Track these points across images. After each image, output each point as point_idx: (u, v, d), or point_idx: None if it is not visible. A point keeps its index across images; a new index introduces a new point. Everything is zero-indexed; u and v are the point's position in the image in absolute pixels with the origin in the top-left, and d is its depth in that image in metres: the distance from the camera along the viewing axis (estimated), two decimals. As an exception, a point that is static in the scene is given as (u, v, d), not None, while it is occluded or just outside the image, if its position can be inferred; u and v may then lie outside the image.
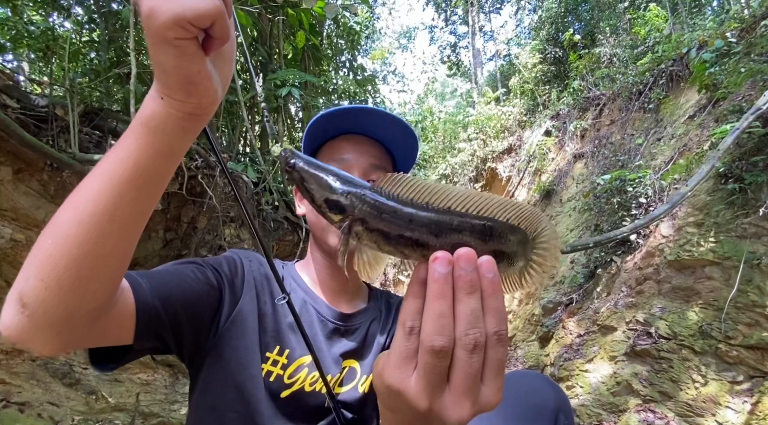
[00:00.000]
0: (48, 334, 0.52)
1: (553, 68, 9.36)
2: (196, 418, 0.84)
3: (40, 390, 2.29)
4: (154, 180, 0.52)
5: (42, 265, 0.50)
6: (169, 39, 0.41)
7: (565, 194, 6.99)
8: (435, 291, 0.38)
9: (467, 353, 0.38)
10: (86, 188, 0.51)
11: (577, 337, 4.46)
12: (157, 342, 0.73)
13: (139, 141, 0.49)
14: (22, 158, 2.49)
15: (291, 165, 0.44)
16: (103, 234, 0.50)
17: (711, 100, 4.69)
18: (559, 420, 0.89)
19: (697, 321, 3.40)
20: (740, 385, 3.04)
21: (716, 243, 3.51)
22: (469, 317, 0.38)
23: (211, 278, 0.82)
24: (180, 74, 0.45)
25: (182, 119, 0.49)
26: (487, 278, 0.39)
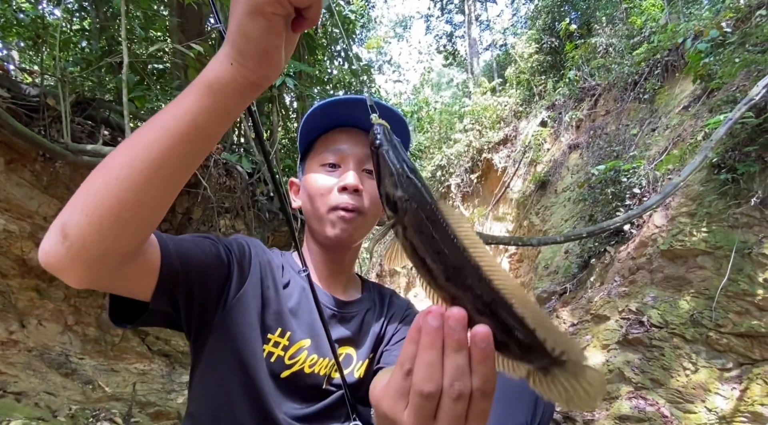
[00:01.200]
0: (81, 267, 0.56)
1: (549, 58, 9.33)
2: (203, 392, 0.87)
3: (37, 380, 2.30)
4: (206, 138, 0.55)
5: (89, 201, 0.53)
6: (266, 12, 0.44)
7: (560, 184, 7.02)
8: (426, 342, 0.42)
9: (452, 401, 0.41)
10: (142, 136, 0.54)
11: (571, 326, 4.51)
12: (170, 306, 0.76)
13: (200, 101, 0.52)
14: (14, 149, 2.47)
15: (377, 145, 0.47)
16: (151, 182, 0.53)
17: (705, 91, 4.70)
18: (540, 401, 0.93)
19: (688, 309, 3.45)
20: (729, 372, 3.10)
21: (708, 233, 3.55)
22: (455, 371, 0.41)
23: (223, 255, 0.85)
24: (261, 45, 0.47)
25: (245, 86, 0.51)
26: (479, 348, 0.41)
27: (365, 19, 9.34)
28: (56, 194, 2.66)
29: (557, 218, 6.61)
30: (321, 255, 1.03)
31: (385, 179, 0.45)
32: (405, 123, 1.01)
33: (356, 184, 0.93)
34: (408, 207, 0.43)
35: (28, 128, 2.27)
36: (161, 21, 3.41)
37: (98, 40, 3.18)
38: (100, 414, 2.29)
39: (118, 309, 0.74)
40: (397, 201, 0.44)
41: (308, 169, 1.02)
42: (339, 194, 0.94)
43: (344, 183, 0.93)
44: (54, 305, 2.66)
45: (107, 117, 2.89)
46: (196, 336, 0.87)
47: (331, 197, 0.95)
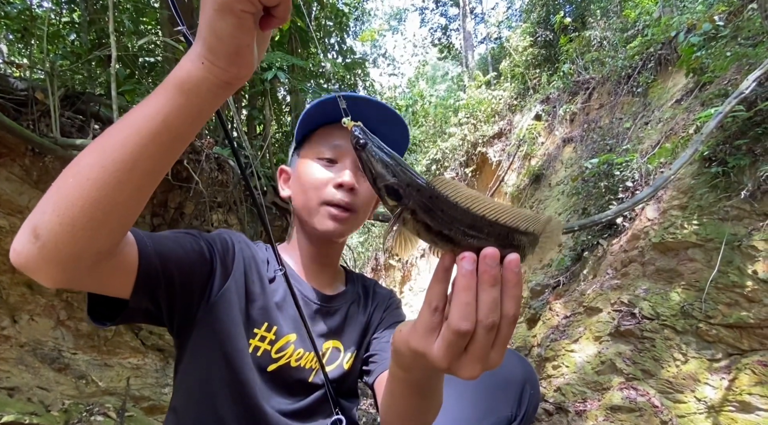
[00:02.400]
0: (54, 267, 0.56)
1: (543, 51, 9.31)
2: (185, 386, 0.88)
3: (29, 375, 2.30)
4: (178, 138, 0.55)
5: (60, 202, 0.53)
6: (236, 10, 0.44)
7: (554, 178, 7.04)
8: (462, 284, 0.45)
9: (485, 331, 0.45)
10: (113, 136, 0.53)
11: (564, 318, 4.55)
12: (151, 304, 0.76)
13: (171, 101, 0.52)
14: (3, 143, 2.44)
15: (362, 145, 0.49)
16: (123, 182, 0.53)
17: (698, 84, 4.72)
18: (526, 389, 0.96)
19: (679, 301, 3.49)
20: (718, 363, 3.14)
21: (699, 226, 3.58)
22: (490, 304, 0.45)
23: (205, 251, 0.85)
24: (232, 44, 0.47)
25: (217, 85, 0.51)
26: (513, 272, 0.46)
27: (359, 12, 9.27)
28: (46, 189, 2.64)
29: (551, 211, 6.64)
30: (308, 248, 1.04)
31: (381, 172, 0.48)
32: (406, 126, 1.03)
33: (352, 182, 0.94)
34: (410, 192, 0.46)
35: (17, 122, 2.25)
36: (151, 14, 3.37)
37: (87, 33, 3.14)
38: (93, 409, 2.29)
39: (97, 308, 0.73)
40: (398, 189, 0.47)
41: (302, 159, 1.02)
42: (334, 189, 0.95)
43: (341, 180, 0.94)
44: (46, 300, 2.65)
45: (97, 111, 2.85)
46: (179, 331, 0.88)
47: (326, 191, 0.95)
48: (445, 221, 0.46)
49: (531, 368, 1.03)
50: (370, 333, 1.08)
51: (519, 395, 0.94)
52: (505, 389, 0.95)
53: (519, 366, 0.99)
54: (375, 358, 1.02)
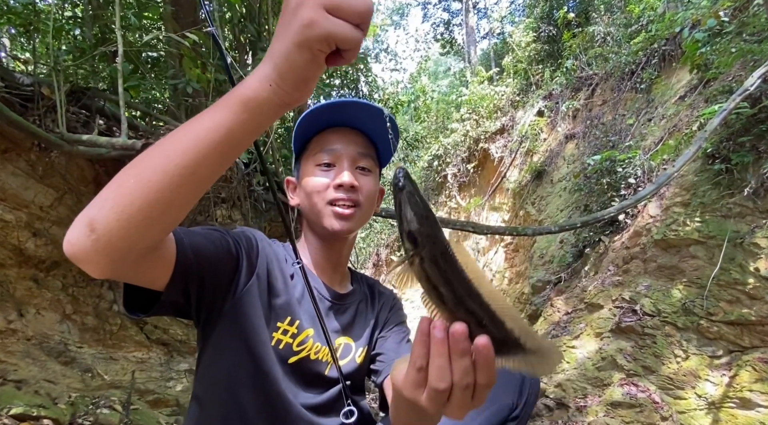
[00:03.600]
0: (105, 259, 0.59)
1: (546, 47, 9.27)
2: (208, 376, 0.92)
3: (36, 368, 2.32)
4: (236, 149, 0.60)
5: (119, 199, 0.57)
6: (314, 48, 0.49)
7: (556, 174, 7.03)
8: (435, 351, 0.51)
9: (461, 390, 0.51)
10: (177, 142, 0.57)
11: (565, 315, 4.57)
12: (182, 297, 0.80)
13: (235, 116, 0.56)
14: (9, 138, 2.45)
15: (400, 188, 0.53)
16: (181, 186, 0.57)
17: (702, 81, 4.70)
18: (525, 384, 0.98)
19: (680, 298, 3.50)
20: (719, 359, 3.16)
21: (702, 223, 3.58)
22: (462, 371, 0.50)
23: (232, 248, 0.89)
24: (302, 74, 0.52)
25: (278, 106, 0.55)
26: (482, 354, 0.50)
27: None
28: (52, 184, 2.65)
29: (553, 208, 6.64)
30: (320, 248, 1.09)
31: (409, 216, 0.52)
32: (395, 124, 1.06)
33: (351, 181, 0.98)
34: (426, 243, 0.51)
35: (23, 117, 2.26)
36: (155, 9, 3.36)
37: (91, 29, 3.14)
38: (99, 402, 2.32)
39: (131, 299, 0.77)
40: (417, 236, 0.51)
41: (304, 169, 1.07)
42: (335, 191, 0.99)
43: (340, 181, 0.98)
44: (52, 294, 2.67)
45: (102, 106, 2.86)
46: (205, 323, 0.91)
47: (328, 193, 1.00)
48: (445, 281, 0.50)
49: None
50: (377, 330, 1.13)
51: (520, 383, 0.98)
52: (506, 377, 0.98)
53: None
54: (382, 358, 1.08)
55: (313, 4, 0.47)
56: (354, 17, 0.47)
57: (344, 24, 0.47)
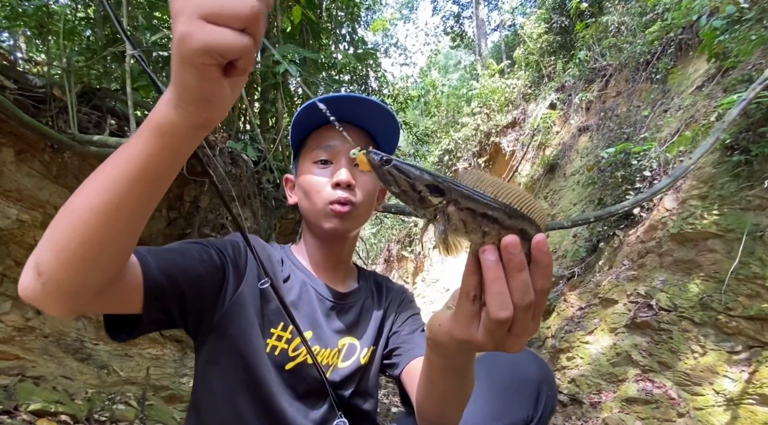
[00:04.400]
0: (59, 300, 0.59)
1: (558, 38, 9.11)
2: (205, 387, 0.91)
3: (54, 365, 2.37)
4: (159, 178, 0.57)
5: (56, 241, 0.56)
6: (196, 63, 0.44)
7: (569, 168, 6.94)
8: (490, 276, 0.48)
9: (523, 311, 0.49)
10: (99, 179, 0.56)
11: (578, 310, 4.51)
12: (164, 315, 0.78)
13: (149, 143, 0.53)
14: (23, 139, 2.49)
15: (387, 161, 0.51)
16: (111, 221, 0.55)
17: (720, 70, 4.58)
18: (542, 390, 0.94)
19: (697, 292, 3.43)
20: (738, 355, 3.09)
21: (720, 216, 3.50)
22: (522, 288, 0.48)
23: (215, 259, 0.88)
24: (198, 93, 0.48)
25: (191, 128, 0.52)
26: (543, 252, 0.48)
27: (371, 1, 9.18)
28: (66, 184, 2.70)
29: (566, 202, 6.56)
30: (319, 248, 1.06)
31: (418, 175, 0.50)
32: (396, 121, 1.04)
33: (348, 179, 0.96)
34: (450, 185, 0.49)
35: (36, 119, 2.29)
36: (164, 9, 3.38)
37: (103, 29, 3.17)
38: (115, 398, 2.36)
39: (113, 324, 0.77)
40: (438, 185, 0.49)
41: (301, 166, 1.05)
42: (333, 189, 0.97)
43: (337, 179, 0.96)
44: (68, 292, 2.71)
45: (113, 107, 2.89)
46: (196, 334, 0.91)
47: (326, 192, 0.98)
48: (487, 204, 0.49)
49: (548, 368, 1.01)
50: (386, 328, 1.10)
51: (536, 396, 0.94)
52: (521, 390, 0.94)
53: (535, 366, 0.98)
54: (399, 351, 1.04)
55: (187, 16, 0.42)
56: (236, 22, 0.42)
57: (225, 32, 0.42)
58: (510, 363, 0.99)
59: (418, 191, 0.50)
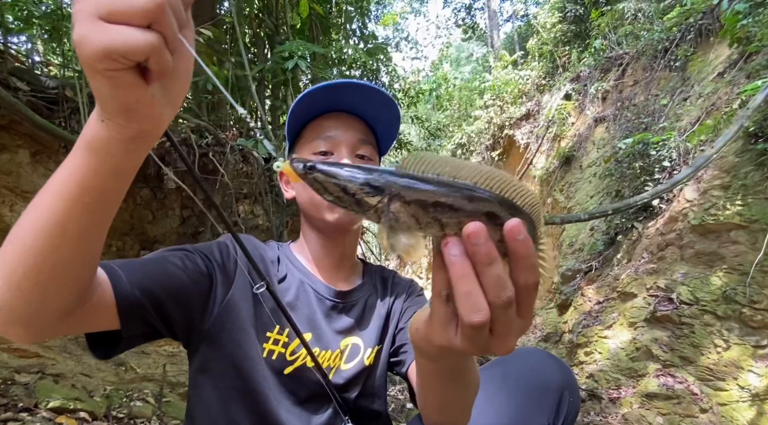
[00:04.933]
0: (18, 327, 0.56)
1: (573, 27, 8.93)
2: (199, 395, 0.88)
3: (73, 362, 2.42)
4: (103, 197, 0.51)
5: (3, 269, 0.53)
6: (100, 69, 0.39)
7: (585, 159, 6.81)
8: (456, 273, 0.40)
9: (502, 310, 0.41)
10: (40, 202, 0.52)
11: (596, 304, 4.43)
12: (147, 328, 0.75)
13: (82, 162, 0.48)
14: (38, 141, 2.54)
15: (311, 167, 0.45)
16: (57, 245, 0.51)
17: (743, 55, 4.42)
18: (564, 396, 0.89)
19: (720, 285, 3.33)
20: (764, 349, 2.99)
21: (743, 206, 3.39)
22: (495, 283, 0.40)
23: (200, 265, 0.84)
24: (116, 102, 0.43)
25: (124, 142, 0.46)
26: (518, 241, 0.39)
27: (381, -5, 9.11)
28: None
29: (582, 195, 6.44)
30: (321, 244, 1.02)
31: (348, 176, 0.44)
32: (396, 107, 1.00)
33: None
34: (388, 179, 0.42)
35: (49, 120, 2.32)
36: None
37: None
38: (133, 395, 2.39)
39: (96, 340, 0.73)
40: (372, 183, 0.43)
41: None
42: None
43: None
44: (86, 291, 2.76)
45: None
46: (187, 343, 0.88)
47: None
48: (438, 190, 0.41)
49: (571, 373, 0.96)
50: (392, 323, 1.06)
51: (557, 402, 0.89)
52: (543, 396, 0.89)
53: (557, 371, 0.93)
54: (405, 348, 1.00)
55: (85, 17, 0.37)
56: (137, 18, 0.37)
57: (126, 30, 0.37)
58: (531, 368, 0.95)
59: (352, 194, 0.43)
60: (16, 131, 2.40)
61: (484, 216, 0.41)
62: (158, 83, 0.43)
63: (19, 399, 1.95)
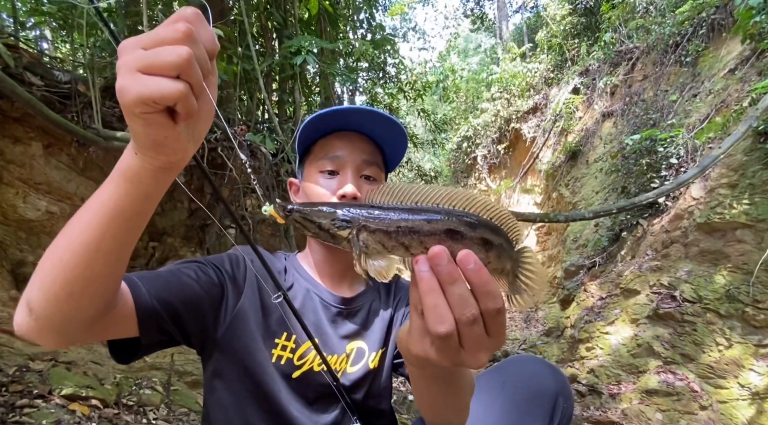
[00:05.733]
0: (51, 334, 0.63)
1: (583, 20, 8.81)
2: (215, 398, 0.94)
3: (84, 351, 2.48)
4: (133, 219, 0.59)
5: (43, 280, 0.60)
6: (136, 113, 0.46)
7: (592, 155, 6.77)
8: (423, 288, 0.46)
9: (468, 327, 0.45)
10: (77, 221, 0.59)
11: (599, 300, 4.45)
12: (164, 336, 0.81)
13: (118, 188, 0.56)
14: (50, 133, 2.57)
15: (289, 210, 0.53)
16: (91, 261, 0.58)
17: (755, 52, 4.36)
18: (558, 403, 0.94)
19: (724, 284, 3.34)
20: (766, 348, 3.01)
21: (750, 205, 3.37)
22: (459, 301, 0.45)
23: (213, 276, 0.90)
24: (148, 139, 0.50)
25: (155, 172, 0.54)
26: (469, 270, 0.45)
27: (389, -15, 9.02)
28: (92, 177, 2.79)
29: (588, 190, 6.42)
30: (324, 255, 1.06)
31: (319, 216, 0.51)
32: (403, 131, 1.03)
33: (354, 192, 0.96)
34: (353, 211, 0.49)
35: (62, 114, 2.36)
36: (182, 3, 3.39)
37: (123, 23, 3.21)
38: (142, 383, 2.46)
39: (118, 346, 0.79)
40: (341, 218, 0.49)
41: (307, 174, 1.05)
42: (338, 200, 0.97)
43: (343, 192, 0.96)
44: (96, 281, 2.82)
45: (136, 100, 2.94)
46: (202, 350, 0.93)
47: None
48: (397, 217, 0.47)
49: (564, 379, 1.01)
50: (395, 326, 1.09)
51: (551, 408, 0.94)
52: (537, 402, 0.94)
53: (551, 377, 0.98)
54: None
55: (124, 70, 0.46)
56: (168, 70, 0.45)
57: (158, 81, 0.45)
58: (527, 375, 0.99)
59: (327, 230, 0.50)
60: (29, 123, 2.44)
61: (443, 234, 0.46)
62: (184, 123, 0.50)
63: (34, 386, 2.02)
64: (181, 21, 0.46)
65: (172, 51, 0.45)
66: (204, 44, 0.48)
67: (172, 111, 0.48)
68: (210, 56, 0.50)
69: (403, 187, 0.49)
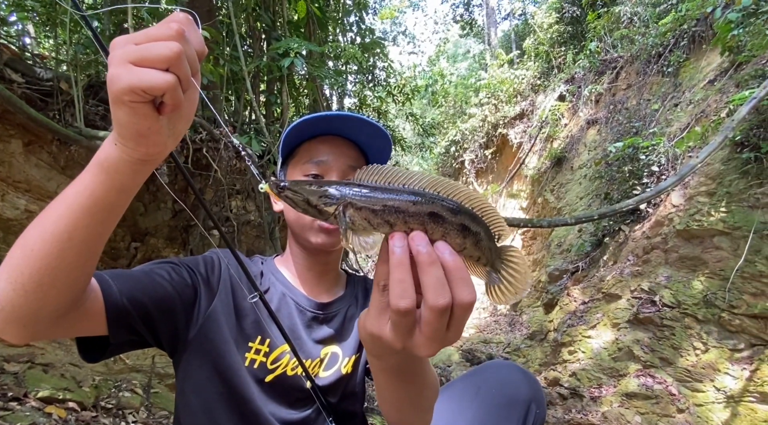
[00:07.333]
0: (15, 326, 0.62)
1: (570, 28, 8.96)
2: (184, 402, 0.93)
3: (62, 352, 2.43)
4: (108, 210, 0.59)
5: (10, 271, 0.59)
6: (125, 101, 0.48)
7: (577, 161, 6.88)
8: (393, 261, 0.46)
9: (436, 315, 0.45)
10: (51, 211, 0.59)
11: (582, 304, 4.52)
12: (133, 336, 0.80)
13: (95, 178, 0.56)
14: (31, 131, 2.53)
15: (282, 187, 0.54)
16: (63, 251, 0.58)
17: (733, 64, 4.49)
18: (531, 409, 0.96)
19: (702, 289, 3.42)
20: (740, 353, 3.08)
21: (727, 213, 3.46)
22: (435, 284, 0.45)
23: (186, 277, 0.89)
24: (132, 128, 0.51)
25: (132, 163, 0.55)
26: (445, 258, 0.46)
27: (379, -11, 9.05)
28: (73, 175, 2.71)
29: (572, 196, 6.52)
30: (304, 259, 1.06)
31: (309, 192, 0.52)
32: (388, 137, 1.04)
33: None
34: (341, 189, 0.50)
35: (43, 112, 2.32)
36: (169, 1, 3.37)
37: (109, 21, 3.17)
38: (121, 385, 2.42)
39: (86, 344, 0.78)
40: (331, 193, 0.50)
41: (290, 176, 1.04)
42: None
43: None
44: (76, 281, 2.77)
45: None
46: (173, 352, 0.92)
47: None
48: (384, 196, 0.48)
49: (538, 385, 1.02)
50: None
51: (524, 414, 0.95)
52: (510, 408, 0.95)
53: (525, 383, 0.99)
54: None
55: (117, 60, 0.48)
56: (159, 63, 0.47)
57: (149, 72, 0.47)
58: (500, 381, 1.00)
59: (315, 206, 0.52)
60: (9, 120, 2.39)
61: (426, 216, 0.47)
62: (167, 118, 0.52)
63: (9, 389, 1.97)
64: (174, 22, 0.49)
65: (163, 45, 0.47)
66: (194, 46, 0.50)
67: (157, 105, 0.50)
68: (198, 57, 0.52)
69: (392, 169, 0.50)
